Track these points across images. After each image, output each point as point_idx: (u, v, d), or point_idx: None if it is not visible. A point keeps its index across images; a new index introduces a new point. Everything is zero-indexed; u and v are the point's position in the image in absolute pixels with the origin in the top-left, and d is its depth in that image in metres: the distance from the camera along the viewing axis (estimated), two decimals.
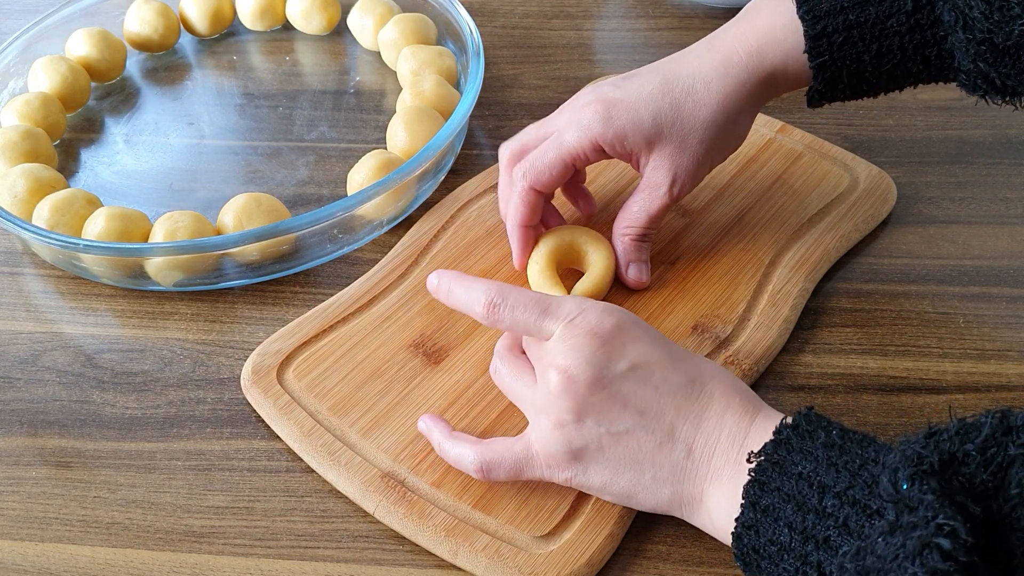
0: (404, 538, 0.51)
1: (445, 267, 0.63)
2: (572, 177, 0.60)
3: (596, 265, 0.59)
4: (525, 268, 0.60)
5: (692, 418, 0.46)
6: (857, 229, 0.64)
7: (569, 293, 0.58)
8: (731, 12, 0.78)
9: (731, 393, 0.47)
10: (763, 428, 0.45)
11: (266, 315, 0.63)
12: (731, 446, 0.45)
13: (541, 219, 0.61)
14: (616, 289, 0.61)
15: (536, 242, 0.60)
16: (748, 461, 0.43)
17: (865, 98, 0.58)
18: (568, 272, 0.61)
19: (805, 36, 0.54)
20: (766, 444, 0.44)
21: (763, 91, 0.57)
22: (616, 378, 0.46)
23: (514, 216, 0.59)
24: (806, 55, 0.55)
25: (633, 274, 0.60)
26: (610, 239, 0.61)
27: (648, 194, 0.58)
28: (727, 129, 0.57)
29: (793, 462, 0.42)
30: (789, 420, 0.44)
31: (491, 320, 0.49)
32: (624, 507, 0.50)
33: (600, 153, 0.57)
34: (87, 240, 0.63)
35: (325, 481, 0.53)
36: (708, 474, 0.45)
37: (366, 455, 0.53)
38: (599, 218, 0.65)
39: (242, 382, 0.58)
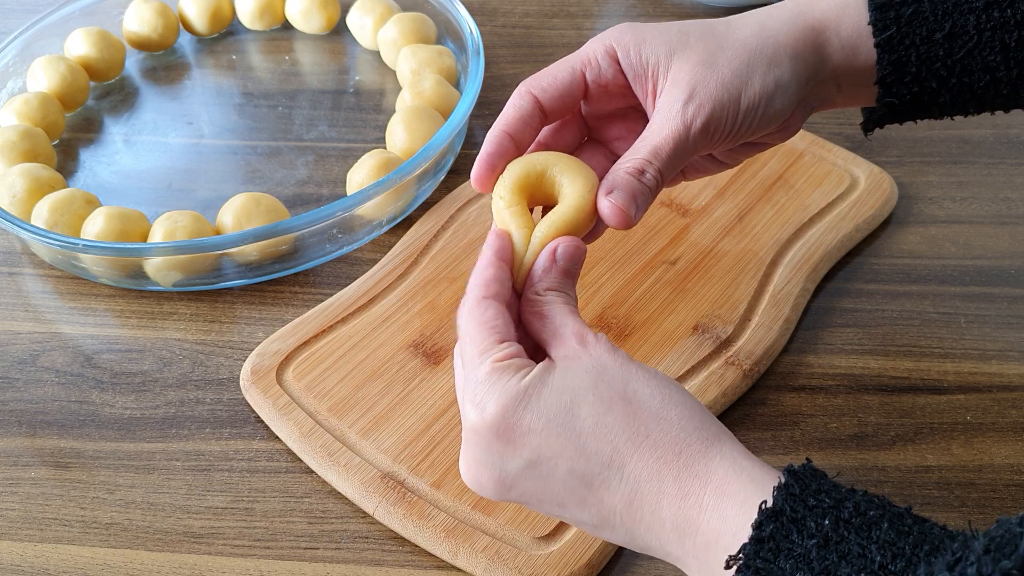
0: (404, 539, 0.51)
1: (445, 267, 0.62)
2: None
3: (568, 198, 0.45)
4: (486, 187, 0.47)
5: (621, 510, 0.39)
6: (858, 229, 0.64)
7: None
8: (731, 11, 0.78)
9: (661, 468, 0.38)
10: (719, 505, 0.37)
11: (265, 315, 0.63)
12: (681, 538, 0.37)
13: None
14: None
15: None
16: (727, 567, 0.36)
17: (933, 116, 0.50)
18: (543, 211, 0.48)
19: (870, 4, 0.47)
20: (745, 546, 0.35)
21: (809, 44, 0.47)
22: (518, 478, 0.40)
23: (496, 122, 0.47)
24: (870, 27, 0.46)
25: (608, 207, 0.44)
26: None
27: (659, 117, 0.45)
28: (763, 67, 0.46)
29: (780, 570, 0.35)
30: (767, 503, 0.36)
31: None
32: None
33: (614, 66, 0.47)
34: (86, 240, 0.62)
35: (324, 482, 0.53)
36: (667, 555, 0.39)
37: (366, 456, 0.53)
38: None
39: (241, 382, 0.58)
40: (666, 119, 0.45)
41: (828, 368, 0.57)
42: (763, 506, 0.36)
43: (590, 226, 0.45)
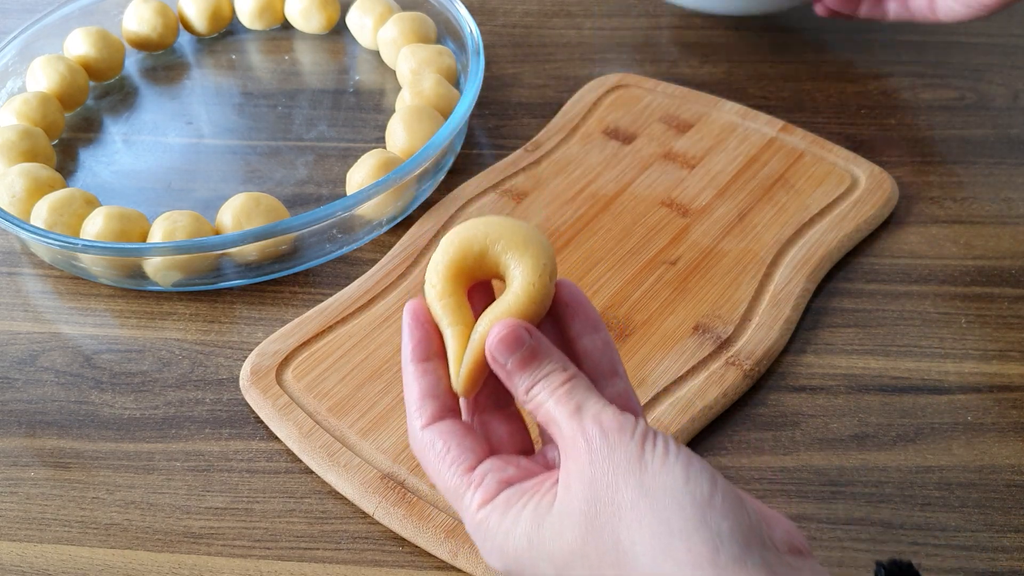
0: (404, 539, 0.51)
1: None
2: None
3: (515, 282, 0.38)
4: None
5: None
6: (859, 229, 0.63)
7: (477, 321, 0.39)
8: (733, 19, 0.78)
9: None
10: None
11: (265, 315, 0.63)
12: None
13: None
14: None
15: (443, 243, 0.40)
16: None
17: None
18: (479, 290, 0.41)
19: None
20: None
21: None
22: None
23: None
24: None
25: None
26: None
27: None
28: None
29: None
30: None
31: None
32: None
33: None
34: (85, 240, 0.62)
35: (324, 482, 0.53)
36: None
37: (365, 456, 0.53)
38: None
39: (241, 383, 0.57)
40: None
41: (828, 368, 0.57)
42: None
43: (544, 312, 0.38)
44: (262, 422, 0.56)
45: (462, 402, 0.40)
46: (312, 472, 0.54)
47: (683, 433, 0.53)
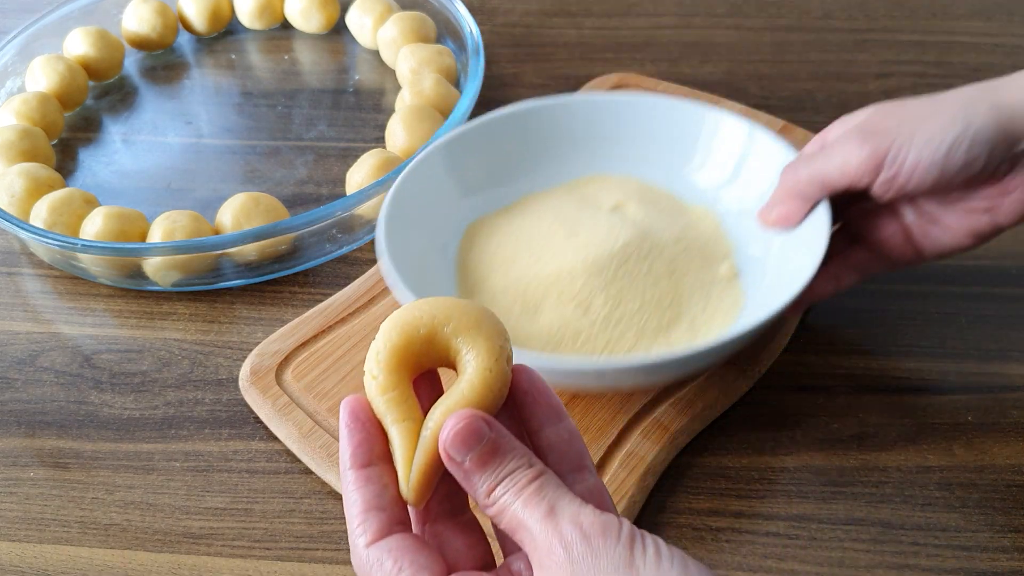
0: None
1: None
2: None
3: (468, 370, 0.34)
4: None
5: None
6: None
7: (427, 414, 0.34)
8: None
9: None
10: None
11: (264, 315, 0.63)
12: None
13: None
14: None
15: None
16: None
17: None
18: (425, 382, 0.36)
19: None
20: None
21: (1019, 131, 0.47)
22: None
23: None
24: None
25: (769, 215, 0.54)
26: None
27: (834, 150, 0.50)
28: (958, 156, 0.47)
29: None
30: None
31: None
32: (623, 511, 0.49)
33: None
34: (85, 240, 0.62)
35: (324, 482, 0.53)
36: None
37: None
38: None
39: (240, 383, 0.57)
40: (832, 153, 0.49)
41: (829, 368, 0.57)
42: None
43: (502, 401, 0.34)
44: (262, 422, 0.56)
45: (411, 511, 0.35)
46: (312, 472, 0.54)
47: (683, 433, 0.53)
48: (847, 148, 0.49)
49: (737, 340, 0.48)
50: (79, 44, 0.79)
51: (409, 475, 0.33)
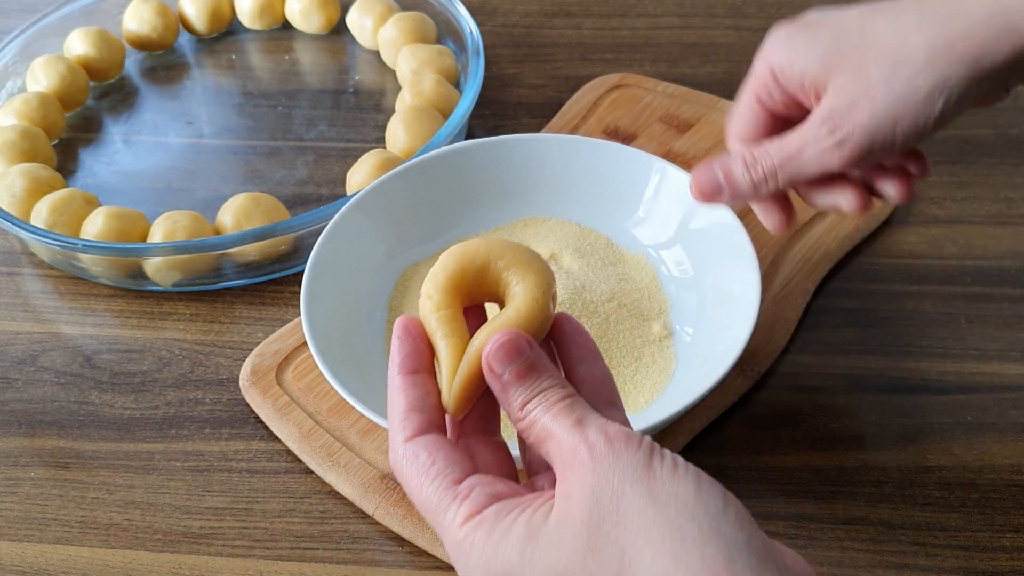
0: (404, 539, 0.51)
1: None
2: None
3: (516, 299, 0.37)
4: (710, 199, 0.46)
5: None
6: (859, 229, 0.63)
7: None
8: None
9: None
10: None
11: (265, 315, 0.63)
12: None
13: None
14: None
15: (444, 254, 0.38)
16: None
17: None
18: (473, 315, 0.39)
19: None
20: None
21: (1006, 51, 0.40)
22: None
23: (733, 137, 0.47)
24: None
25: (704, 168, 0.47)
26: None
27: (798, 128, 0.44)
28: (932, 86, 0.41)
29: None
30: None
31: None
32: None
33: (780, 85, 0.46)
34: (85, 240, 0.62)
35: (324, 482, 0.53)
36: None
37: (365, 456, 0.53)
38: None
39: (241, 383, 0.57)
40: (800, 132, 0.44)
41: (828, 368, 0.57)
42: None
43: (544, 333, 0.37)
44: (262, 422, 0.56)
45: (448, 425, 0.37)
46: (312, 472, 0.54)
47: (683, 433, 0.53)
48: (822, 147, 0.43)
49: (654, 427, 0.48)
50: (79, 44, 0.79)
51: (452, 385, 0.36)
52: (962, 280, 0.62)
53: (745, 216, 0.64)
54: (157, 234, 0.63)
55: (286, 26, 0.85)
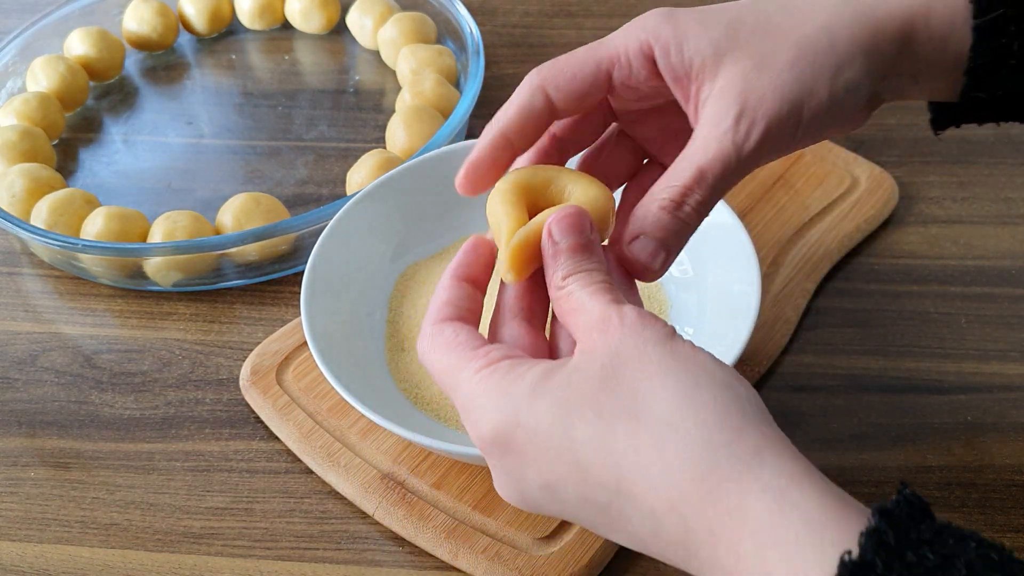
0: (404, 539, 0.51)
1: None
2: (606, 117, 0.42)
3: (587, 193, 0.38)
4: (471, 190, 0.40)
5: (652, 543, 0.32)
6: (859, 229, 0.63)
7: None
8: None
9: (678, 501, 0.30)
10: (760, 556, 0.29)
11: (265, 315, 0.63)
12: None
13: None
14: None
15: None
16: None
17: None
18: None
19: None
20: None
21: (890, 37, 0.39)
22: (539, 499, 0.34)
23: (496, 119, 0.40)
24: (967, 8, 0.38)
25: (637, 250, 0.38)
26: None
27: (704, 133, 0.38)
28: (831, 70, 0.38)
29: None
30: (852, 553, 0.27)
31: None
32: None
33: (649, 67, 0.39)
34: (85, 240, 0.62)
35: (324, 482, 0.53)
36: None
37: (366, 456, 0.53)
38: None
39: (241, 383, 0.57)
40: (713, 137, 0.38)
41: (828, 368, 0.57)
42: (846, 558, 0.27)
43: (604, 232, 0.37)
44: (262, 422, 0.56)
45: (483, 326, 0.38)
46: (312, 472, 0.54)
47: None
48: (744, 151, 0.38)
49: None
50: (79, 44, 0.79)
51: (509, 246, 0.36)
52: (962, 280, 0.62)
53: (745, 216, 0.64)
54: (157, 234, 0.63)
55: (286, 26, 0.85)
